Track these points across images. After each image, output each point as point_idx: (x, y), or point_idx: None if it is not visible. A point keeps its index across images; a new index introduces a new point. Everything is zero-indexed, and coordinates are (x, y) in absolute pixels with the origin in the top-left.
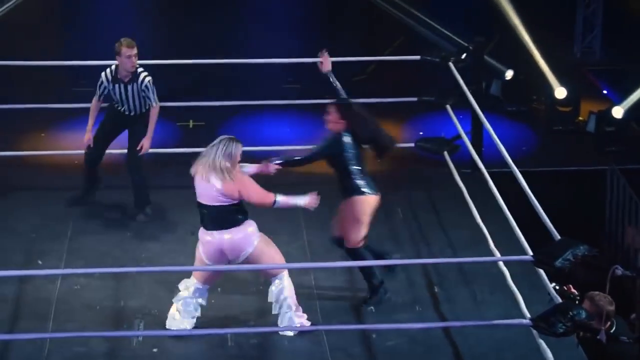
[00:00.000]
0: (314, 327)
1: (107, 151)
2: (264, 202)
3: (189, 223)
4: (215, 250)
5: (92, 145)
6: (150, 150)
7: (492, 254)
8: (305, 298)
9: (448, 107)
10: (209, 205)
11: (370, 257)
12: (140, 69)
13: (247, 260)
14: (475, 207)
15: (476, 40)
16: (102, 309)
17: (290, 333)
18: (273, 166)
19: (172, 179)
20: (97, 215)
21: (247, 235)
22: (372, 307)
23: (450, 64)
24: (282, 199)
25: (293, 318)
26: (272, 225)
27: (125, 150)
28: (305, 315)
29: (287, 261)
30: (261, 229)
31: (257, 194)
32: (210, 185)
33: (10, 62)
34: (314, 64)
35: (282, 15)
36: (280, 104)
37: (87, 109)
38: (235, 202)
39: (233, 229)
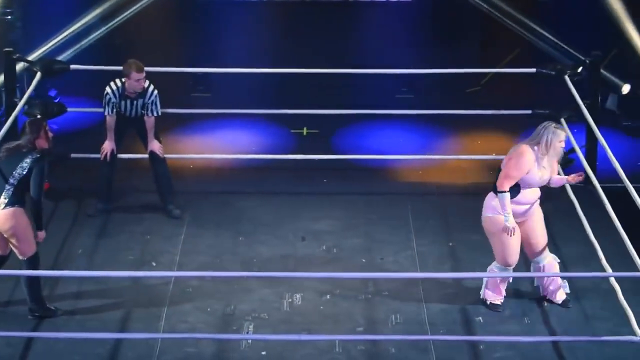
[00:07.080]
0: (422, 337)
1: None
2: (501, 182)
3: (301, 229)
4: None
5: (108, 155)
6: (263, 156)
7: (603, 270)
8: (414, 307)
9: (562, 120)
10: None
11: None
12: (148, 85)
13: None
14: (588, 221)
15: (593, 53)
16: (212, 311)
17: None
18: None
19: (284, 185)
20: (210, 220)
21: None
22: (481, 318)
23: (566, 77)
24: (507, 198)
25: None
26: (382, 235)
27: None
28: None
29: (397, 271)
30: (370, 236)
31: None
32: None
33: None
34: (429, 74)
35: (399, 26)
36: (394, 114)
37: (205, 115)
38: None
39: None
